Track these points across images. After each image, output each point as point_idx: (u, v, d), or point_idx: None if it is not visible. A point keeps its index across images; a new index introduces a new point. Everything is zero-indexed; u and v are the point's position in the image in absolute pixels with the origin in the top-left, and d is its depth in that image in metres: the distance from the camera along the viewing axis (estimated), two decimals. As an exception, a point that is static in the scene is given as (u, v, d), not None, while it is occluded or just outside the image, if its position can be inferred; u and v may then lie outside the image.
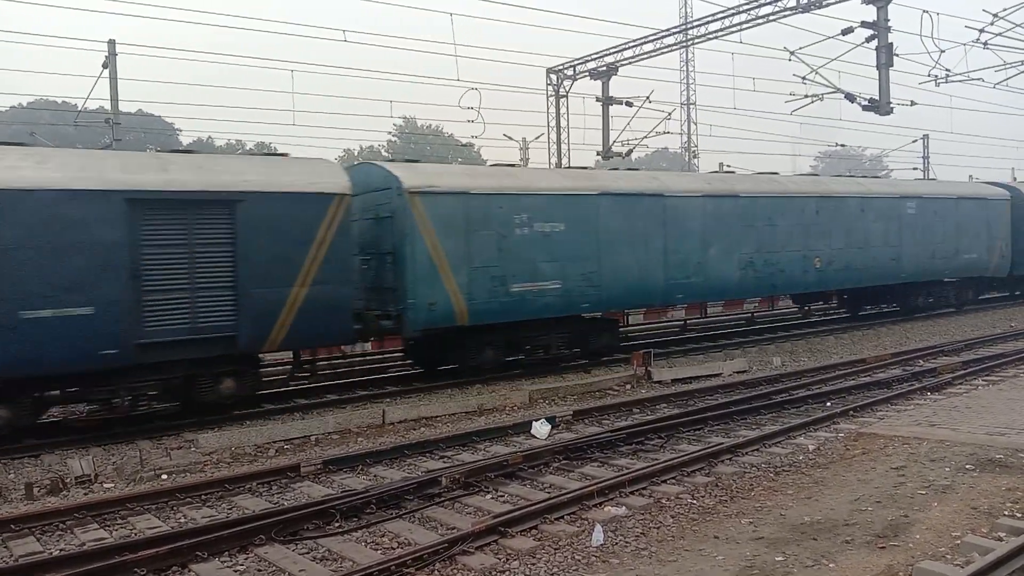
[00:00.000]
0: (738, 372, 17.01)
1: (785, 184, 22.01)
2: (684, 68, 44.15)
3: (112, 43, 24.79)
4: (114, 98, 25.28)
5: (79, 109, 28.61)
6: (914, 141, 45.13)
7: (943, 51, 23.48)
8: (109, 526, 8.53)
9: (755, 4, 25.62)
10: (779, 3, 24.92)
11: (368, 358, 19.48)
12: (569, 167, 24.22)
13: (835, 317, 27.25)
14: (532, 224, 16.16)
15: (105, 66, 24.85)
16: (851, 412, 12.72)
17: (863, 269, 23.07)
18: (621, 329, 21.31)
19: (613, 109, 32.01)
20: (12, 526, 8.33)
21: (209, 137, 58.24)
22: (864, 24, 21.34)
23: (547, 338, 17.18)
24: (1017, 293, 32.32)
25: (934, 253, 25.24)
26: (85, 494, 9.76)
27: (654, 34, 29.50)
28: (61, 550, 7.77)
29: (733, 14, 26.35)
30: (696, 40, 29.66)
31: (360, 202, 15.19)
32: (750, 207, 20.26)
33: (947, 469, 8.94)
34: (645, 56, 30.13)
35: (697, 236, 19.04)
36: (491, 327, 16.07)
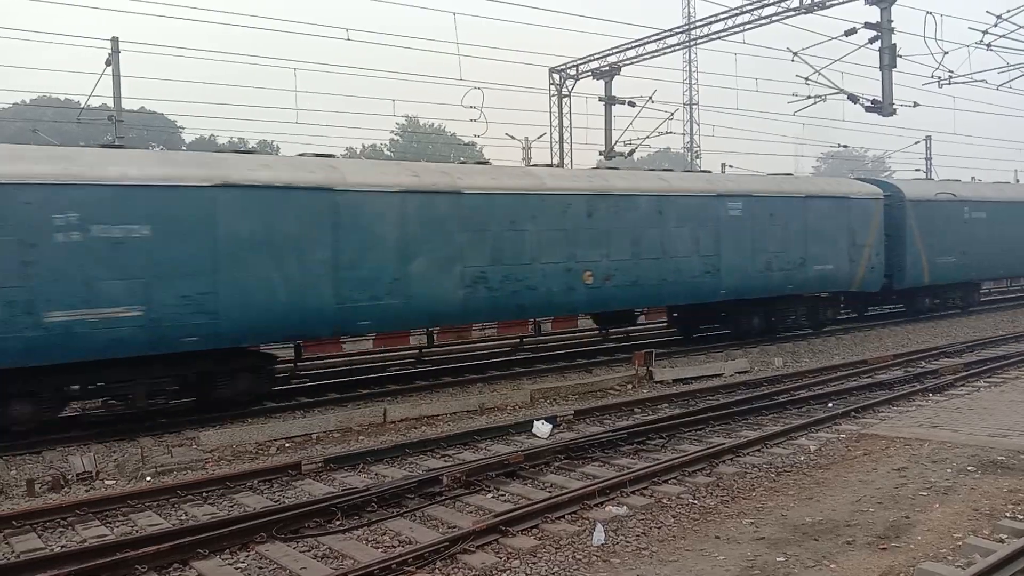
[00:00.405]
0: (740, 372, 17.00)
1: (540, 178, 17.19)
2: (687, 68, 44.16)
3: (115, 40, 24.79)
4: (117, 96, 25.29)
5: (82, 107, 28.63)
6: (917, 142, 45.08)
7: (946, 52, 23.47)
8: (110, 523, 8.54)
9: (758, 4, 25.60)
10: (782, 4, 24.91)
11: (369, 356, 19.48)
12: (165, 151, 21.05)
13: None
14: (88, 227, 11.73)
15: (108, 64, 24.85)
16: (853, 413, 12.71)
17: (662, 284, 18.43)
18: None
19: (616, 109, 32.02)
20: (14, 522, 8.34)
21: (212, 135, 58.32)
22: (867, 25, 21.34)
23: (129, 385, 12.72)
24: (869, 312, 27.04)
25: (769, 264, 20.58)
26: (87, 491, 9.77)
27: (657, 34, 29.50)
28: (63, 547, 7.77)
29: (736, 14, 26.34)
30: (699, 40, 29.67)
31: None
32: (483, 207, 15.79)
33: (949, 470, 8.94)
34: (648, 56, 30.13)
35: (393, 244, 14.60)
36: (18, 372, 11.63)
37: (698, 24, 29.16)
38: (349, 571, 6.77)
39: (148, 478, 10.32)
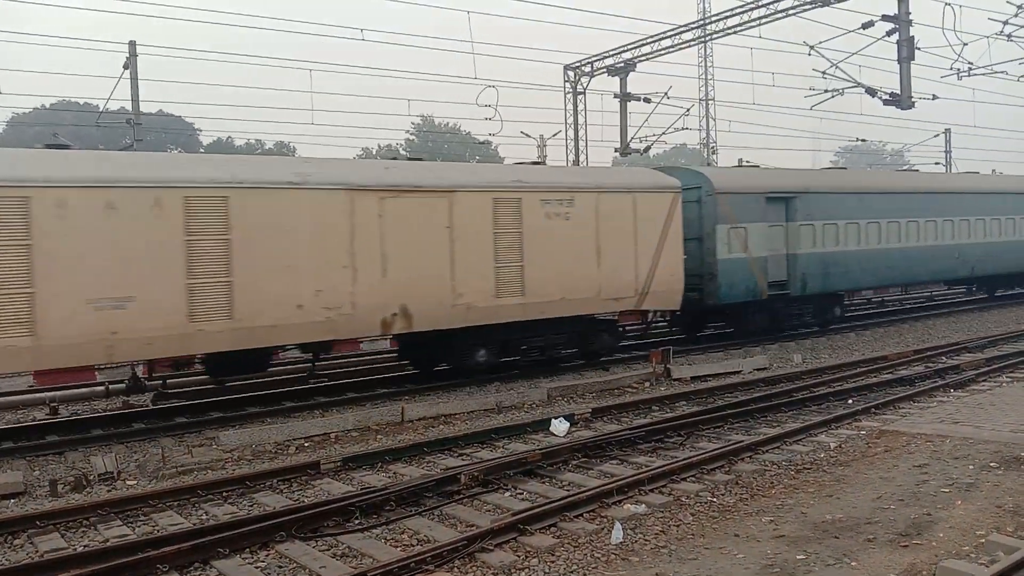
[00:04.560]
0: (758, 369, 16.90)
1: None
2: (702, 64, 43.91)
3: (133, 44, 25.02)
4: (135, 99, 25.54)
5: (101, 110, 28.93)
6: (936, 135, 44.73)
7: (965, 44, 23.27)
8: (132, 523, 8.61)
9: (774, -2, 25.42)
10: (798, -3, 24.72)
11: (387, 356, 19.54)
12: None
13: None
14: None
15: (126, 67, 25.10)
16: (873, 410, 12.60)
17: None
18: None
19: (631, 105, 31.90)
20: (37, 522, 8.43)
21: (229, 137, 58.74)
22: (885, 17, 21.15)
23: None
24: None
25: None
26: (108, 491, 9.86)
27: (672, 30, 29.37)
28: (85, 546, 7.85)
29: (752, 8, 26.18)
30: (714, 35, 29.51)
31: None
32: None
33: (971, 467, 8.85)
34: (663, 52, 29.99)
35: None
36: None
37: (713, 19, 29.02)
38: (368, 570, 6.79)
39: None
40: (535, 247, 15.88)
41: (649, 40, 29.84)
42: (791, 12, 25.08)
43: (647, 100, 31.25)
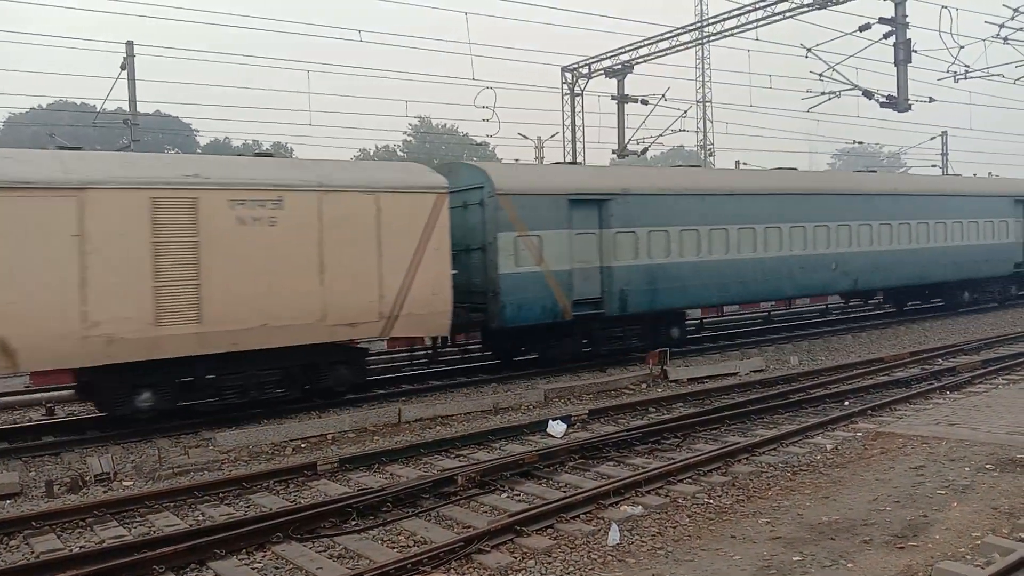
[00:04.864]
0: (755, 371, 16.93)
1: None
2: (700, 66, 43.98)
3: (130, 44, 25.00)
4: (132, 99, 25.51)
5: (98, 110, 28.90)
6: (933, 138, 44.77)
7: (962, 47, 23.33)
8: (128, 524, 8.60)
9: (771, 1, 25.46)
10: None
11: (384, 357, 19.53)
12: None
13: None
14: None
15: (123, 67, 25.07)
16: (869, 411, 12.63)
17: None
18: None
19: (629, 107, 31.93)
20: (33, 523, 8.42)
21: (226, 138, 58.70)
22: (882, 20, 21.19)
23: None
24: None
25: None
26: (105, 492, 9.85)
27: (670, 32, 29.41)
28: (81, 547, 7.84)
29: (749, 11, 26.22)
30: (712, 37, 29.55)
31: None
32: None
33: (967, 469, 8.87)
34: (661, 54, 30.03)
35: None
36: None
37: (711, 21, 29.06)
38: (365, 571, 6.79)
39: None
40: (220, 261, 12.62)
41: (647, 42, 29.88)
42: (788, 15, 25.13)
43: (644, 102, 31.28)
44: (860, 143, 46.88)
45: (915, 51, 21.33)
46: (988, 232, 26.78)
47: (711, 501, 8.47)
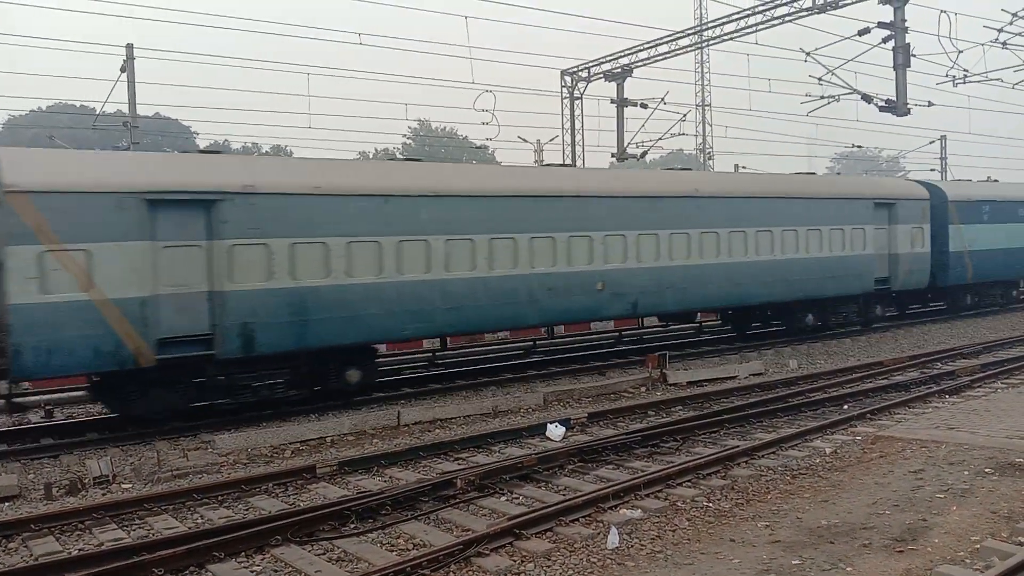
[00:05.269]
0: (754, 375, 16.92)
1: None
2: (699, 70, 44.04)
3: (130, 47, 24.99)
4: (132, 101, 25.48)
5: (97, 113, 28.90)
6: (931, 142, 44.77)
7: (961, 51, 23.30)
8: (127, 526, 8.60)
9: (771, 5, 25.51)
10: (795, 4, 24.80)
11: (382, 359, 19.51)
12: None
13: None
14: None
15: (123, 70, 25.06)
16: (868, 415, 12.63)
17: None
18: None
19: (628, 111, 31.94)
20: (32, 526, 8.41)
21: (226, 140, 58.68)
22: (881, 24, 21.21)
23: None
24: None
25: None
26: (103, 494, 9.84)
27: (669, 35, 29.45)
28: (80, 550, 7.84)
29: (748, 15, 26.25)
30: (711, 41, 29.57)
31: None
32: None
33: (966, 473, 8.87)
34: (660, 58, 30.07)
35: None
36: None
37: (710, 25, 29.07)
38: (364, 574, 6.79)
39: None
40: None
41: (646, 46, 29.93)
42: (787, 19, 25.16)
43: (644, 106, 31.29)
44: (859, 147, 46.92)
45: (914, 55, 21.36)
46: (837, 242, 22.05)
47: (710, 504, 8.47)
